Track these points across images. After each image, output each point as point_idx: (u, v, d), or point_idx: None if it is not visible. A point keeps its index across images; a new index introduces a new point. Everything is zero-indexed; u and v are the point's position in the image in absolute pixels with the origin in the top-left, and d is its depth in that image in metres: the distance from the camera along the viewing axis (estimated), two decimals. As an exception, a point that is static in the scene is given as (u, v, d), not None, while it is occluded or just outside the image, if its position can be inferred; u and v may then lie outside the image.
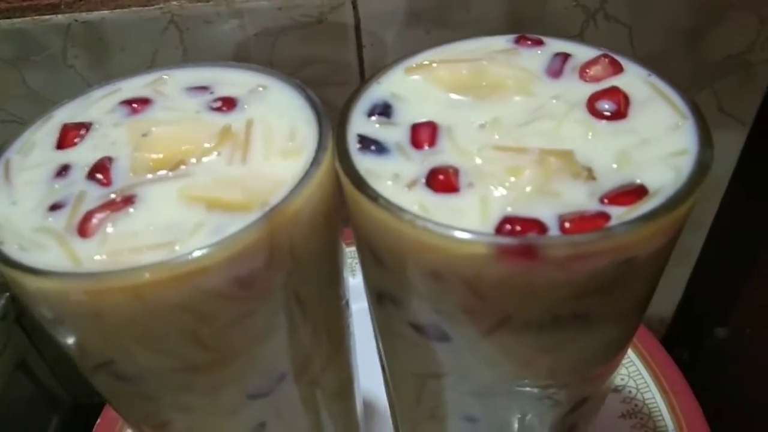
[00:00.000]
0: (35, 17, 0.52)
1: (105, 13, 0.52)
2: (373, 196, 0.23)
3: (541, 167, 0.23)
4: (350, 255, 0.48)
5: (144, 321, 0.23)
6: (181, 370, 0.26)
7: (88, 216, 0.24)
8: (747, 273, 0.71)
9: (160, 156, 0.25)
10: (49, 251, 0.23)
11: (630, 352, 0.46)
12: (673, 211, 0.22)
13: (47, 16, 0.52)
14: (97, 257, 0.23)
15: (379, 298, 0.28)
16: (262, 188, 0.24)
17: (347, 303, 0.32)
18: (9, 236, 0.24)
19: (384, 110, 0.27)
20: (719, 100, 0.60)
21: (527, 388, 0.27)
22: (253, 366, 0.27)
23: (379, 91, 0.28)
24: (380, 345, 0.31)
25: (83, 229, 0.24)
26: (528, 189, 0.23)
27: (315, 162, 0.25)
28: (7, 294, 0.68)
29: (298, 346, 0.28)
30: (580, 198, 0.23)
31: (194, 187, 0.25)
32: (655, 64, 0.29)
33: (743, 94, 0.60)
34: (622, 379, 0.45)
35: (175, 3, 0.53)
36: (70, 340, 0.25)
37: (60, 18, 0.52)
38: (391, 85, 0.28)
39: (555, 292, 0.23)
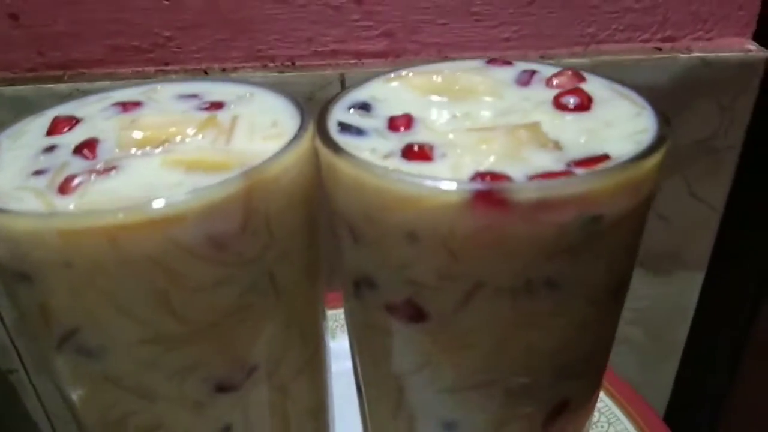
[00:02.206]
0: (38, 85, 0.55)
1: (106, 83, 0.56)
2: (349, 157, 0.24)
3: (510, 137, 0.25)
4: (332, 318, 0.48)
5: (115, 273, 0.23)
6: (148, 342, 0.25)
7: (69, 178, 0.24)
8: (732, 371, 0.70)
9: (147, 134, 0.27)
10: (26, 203, 0.23)
11: (615, 409, 0.44)
12: (633, 168, 0.23)
13: (49, 85, 0.55)
14: (73, 207, 0.23)
15: (356, 287, 0.28)
16: (243, 158, 0.25)
17: (324, 313, 0.32)
18: (-12, 192, 0.24)
19: (363, 106, 0.29)
20: (690, 185, 0.63)
21: (503, 378, 0.27)
22: (221, 349, 0.26)
23: (358, 94, 0.30)
24: (356, 353, 0.31)
25: (63, 188, 0.24)
26: (498, 155, 0.24)
27: (295, 138, 0.26)
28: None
29: (270, 337, 0.28)
30: (547, 163, 0.24)
31: (176, 154, 0.25)
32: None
33: (712, 179, 0.62)
34: (609, 440, 0.43)
35: (173, 76, 0.57)
36: (37, 303, 0.24)
37: (62, 87, 0.55)
38: (370, 90, 0.30)
39: (526, 250, 0.23)
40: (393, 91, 0.30)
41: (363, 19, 0.56)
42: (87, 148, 0.26)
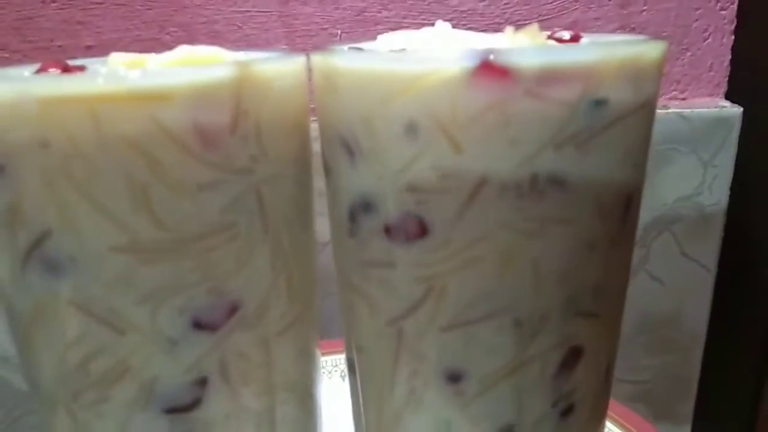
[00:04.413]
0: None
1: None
2: (347, 54, 0.24)
3: (508, 37, 0.25)
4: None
5: (93, 158, 0.21)
6: (122, 251, 0.22)
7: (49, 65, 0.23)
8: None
9: (136, 59, 0.26)
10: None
11: None
12: (635, 50, 0.23)
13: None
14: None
15: (351, 219, 0.26)
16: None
17: (314, 274, 0.29)
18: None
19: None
20: (680, 244, 0.62)
21: (511, 306, 0.24)
22: (201, 273, 0.24)
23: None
24: (350, 310, 0.28)
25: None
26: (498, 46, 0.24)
27: (291, 55, 0.26)
28: None
29: (254, 273, 0.25)
30: (547, 55, 0.23)
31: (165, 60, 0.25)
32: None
33: (702, 237, 0.62)
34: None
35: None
36: (7, 203, 0.22)
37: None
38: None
39: (531, 135, 0.22)
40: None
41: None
42: (77, 69, 0.26)
